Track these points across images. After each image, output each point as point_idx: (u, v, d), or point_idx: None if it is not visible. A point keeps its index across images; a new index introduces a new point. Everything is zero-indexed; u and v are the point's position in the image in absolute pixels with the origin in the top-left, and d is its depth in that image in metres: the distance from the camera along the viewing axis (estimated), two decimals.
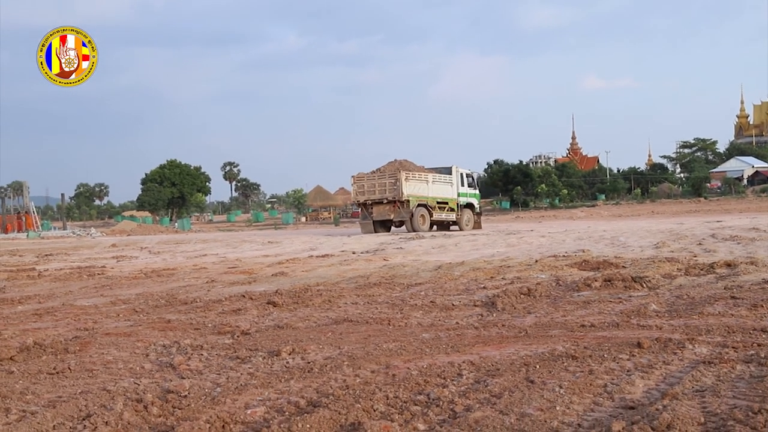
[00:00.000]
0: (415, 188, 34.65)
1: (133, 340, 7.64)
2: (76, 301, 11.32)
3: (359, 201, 35.71)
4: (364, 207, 35.63)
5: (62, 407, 4.98)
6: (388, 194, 34.29)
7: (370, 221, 35.34)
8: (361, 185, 35.42)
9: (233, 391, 5.38)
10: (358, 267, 15.86)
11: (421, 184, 35.12)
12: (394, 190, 34.12)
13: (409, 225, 34.24)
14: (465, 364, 5.84)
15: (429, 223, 35.25)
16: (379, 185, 34.73)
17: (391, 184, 34.27)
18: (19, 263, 21.55)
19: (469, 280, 12.18)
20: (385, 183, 34.49)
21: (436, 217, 35.75)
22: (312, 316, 8.88)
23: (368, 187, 35.10)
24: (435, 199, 35.64)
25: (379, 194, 34.62)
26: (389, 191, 34.29)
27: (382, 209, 34.84)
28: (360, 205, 36.19)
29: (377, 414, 4.62)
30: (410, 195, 34.11)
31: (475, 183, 39.30)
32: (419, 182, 35.01)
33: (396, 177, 34.17)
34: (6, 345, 7.41)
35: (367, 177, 35.41)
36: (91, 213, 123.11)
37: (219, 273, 15.68)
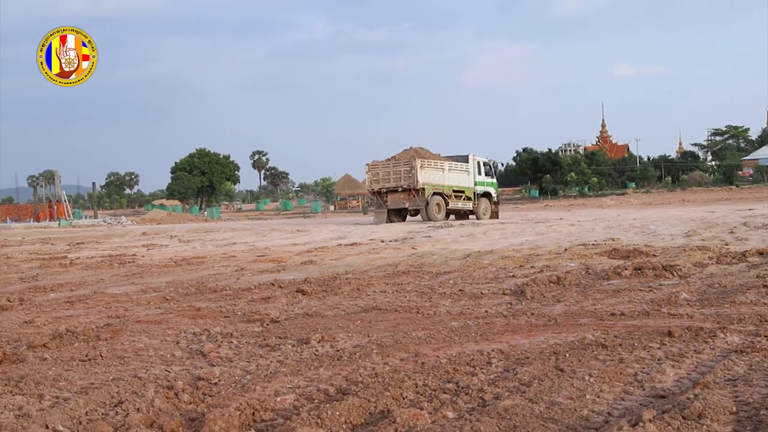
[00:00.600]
0: (431, 176, 33.98)
1: (163, 328, 7.70)
2: (107, 289, 11.42)
3: (373, 189, 35.03)
4: (378, 195, 35.00)
5: (94, 394, 5.03)
6: (403, 182, 33.67)
7: (384, 210, 34.66)
8: (375, 173, 34.81)
9: (263, 378, 5.41)
10: (387, 255, 15.87)
11: (437, 172, 34.46)
12: (409, 178, 33.48)
13: (425, 214, 33.67)
14: (494, 352, 5.83)
15: (445, 212, 34.56)
16: (394, 173, 34.13)
17: (406, 171, 33.68)
18: (52, 251, 21.76)
19: (498, 269, 12.15)
20: (400, 171, 33.94)
21: (452, 206, 35.08)
22: (341, 304, 8.90)
23: (383, 175, 34.49)
24: (451, 187, 34.91)
25: (394, 182, 34.02)
26: (404, 179, 33.68)
27: (396, 197, 34.21)
28: (374, 193, 35.37)
29: (406, 402, 4.62)
30: (426, 183, 33.48)
31: (493, 172, 38.57)
32: (435, 170, 34.37)
33: (411, 165, 33.54)
34: (39, 332, 7.50)
35: (382, 165, 34.86)
36: (122, 202, 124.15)
37: (248, 261, 15.74)
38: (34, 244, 26.94)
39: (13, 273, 14.90)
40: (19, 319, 8.58)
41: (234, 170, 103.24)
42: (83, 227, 49.28)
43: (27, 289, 11.84)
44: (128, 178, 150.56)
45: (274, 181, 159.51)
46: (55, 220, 59.47)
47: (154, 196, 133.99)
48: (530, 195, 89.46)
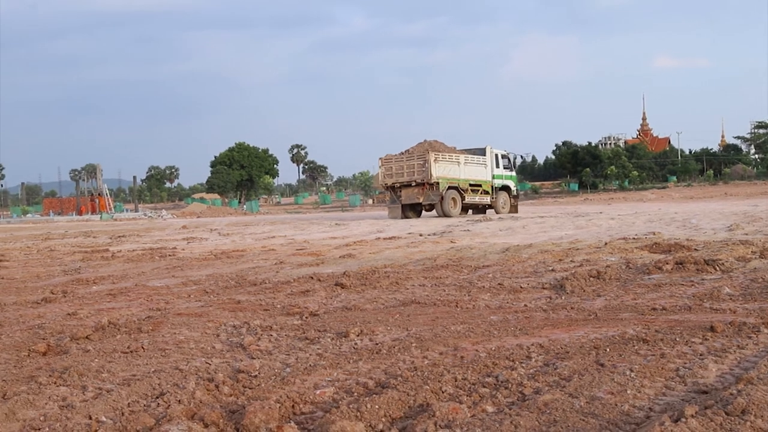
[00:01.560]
0: (446, 170, 33.09)
1: (204, 321, 7.76)
2: (148, 282, 11.54)
3: (386, 184, 34.21)
4: (392, 190, 34.27)
5: (136, 385, 5.08)
6: (417, 176, 32.87)
7: (398, 205, 33.95)
8: (389, 167, 33.98)
9: (302, 371, 5.43)
10: (426, 249, 15.86)
11: (452, 165, 33.54)
12: (422, 172, 32.66)
13: (439, 209, 32.85)
14: (534, 346, 5.81)
15: (461, 206, 33.78)
16: (407, 167, 33.30)
17: (419, 165, 32.85)
18: (94, 244, 22.02)
19: (537, 263, 12.09)
20: (414, 165, 33.10)
21: (469, 200, 34.24)
22: (380, 297, 8.91)
23: (396, 169, 33.64)
24: (467, 181, 34.05)
25: (408, 176, 33.20)
26: (417, 173, 32.88)
27: (410, 192, 33.40)
28: (388, 188, 34.61)
29: (446, 396, 4.62)
30: (440, 177, 32.60)
31: (512, 164, 37.55)
32: (450, 164, 33.45)
33: (425, 158, 32.68)
34: (82, 324, 7.60)
35: (396, 159, 33.94)
36: (162, 195, 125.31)
37: (287, 255, 15.81)
38: (77, 237, 27.28)
39: (56, 266, 15.11)
40: (62, 312, 8.70)
41: (273, 164, 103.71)
42: (124, 220, 49.82)
43: (70, 281, 12.00)
44: (168, 171, 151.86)
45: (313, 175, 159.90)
46: (96, 214, 60.19)
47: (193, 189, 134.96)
48: (569, 188, 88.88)
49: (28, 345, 6.74)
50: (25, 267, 15.07)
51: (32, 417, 4.48)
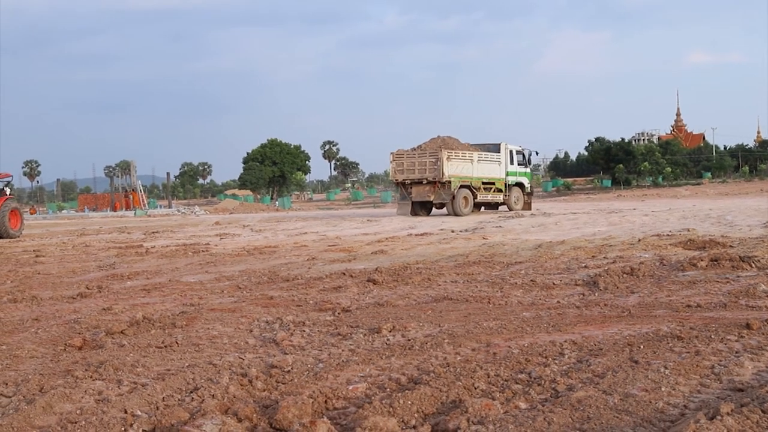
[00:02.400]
0: (458, 168, 32.24)
1: (237, 316, 7.81)
2: (182, 278, 11.62)
3: (397, 180, 33.12)
4: (402, 186, 33.21)
5: (171, 380, 5.13)
6: (428, 174, 31.85)
7: (408, 202, 33.09)
8: (400, 163, 32.90)
9: (335, 367, 5.45)
10: (457, 245, 15.84)
11: (465, 163, 32.62)
12: (434, 170, 31.67)
13: (450, 208, 31.93)
14: (567, 343, 5.78)
15: (472, 205, 32.80)
16: (419, 164, 32.30)
17: (431, 163, 31.86)
18: (128, 240, 22.22)
19: (569, 259, 12.03)
20: (426, 162, 32.12)
21: (481, 198, 33.43)
22: (412, 293, 8.91)
23: (408, 165, 32.60)
24: (480, 179, 33.20)
25: (419, 174, 32.18)
26: (429, 171, 31.87)
27: (421, 190, 32.37)
28: (398, 184, 33.51)
29: (478, 392, 4.62)
30: (452, 175, 31.65)
31: (526, 161, 36.70)
32: (463, 161, 32.53)
33: (437, 156, 31.72)
34: (117, 319, 7.68)
35: (407, 155, 32.97)
36: (195, 191, 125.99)
37: (319, 251, 15.86)
38: (111, 233, 27.53)
39: (91, 261, 15.25)
40: (97, 306, 8.79)
41: (305, 160, 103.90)
42: (158, 216, 50.17)
43: (105, 277, 12.11)
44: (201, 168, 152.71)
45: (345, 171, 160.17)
46: (130, 210, 60.61)
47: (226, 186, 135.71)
48: (602, 185, 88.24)
49: (64, 339, 6.82)
50: (61, 262, 15.24)
51: (69, 410, 4.53)
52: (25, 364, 5.92)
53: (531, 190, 37.46)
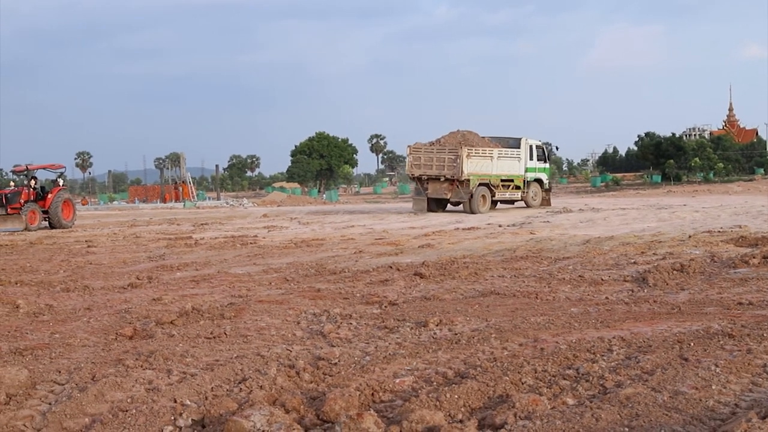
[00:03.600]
0: (478, 165, 30.51)
1: (284, 308, 7.86)
2: (230, 269, 11.72)
3: (413, 174, 31.39)
4: (419, 181, 31.46)
5: (219, 370, 5.18)
6: (447, 171, 30.16)
7: (424, 198, 31.33)
8: (417, 157, 31.12)
9: (382, 360, 5.47)
10: (505, 240, 15.77)
11: (485, 160, 30.95)
12: (453, 168, 29.90)
13: (467, 207, 30.17)
14: (615, 339, 5.74)
15: (490, 203, 31.37)
16: (437, 159, 30.54)
17: (450, 160, 30.09)
18: (177, 232, 22.45)
19: (618, 255, 11.92)
20: (444, 158, 30.38)
21: (499, 196, 31.87)
22: (458, 288, 8.90)
23: (425, 160, 30.80)
24: (499, 176, 31.52)
25: (437, 170, 30.47)
26: (448, 168, 30.13)
27: (438, 187, 30.68)
28: (414, 178, 31.74)
29: (525, 387, 4.60)
30: (471, 173, 29.90)
31: (546, 156, 34.98)
32: (482, 159, 30.88)
33: (457, 153, 29.94)
34: (167, 309, 7.77)
35: (425, 149, 31.18)
36: (243, 184, 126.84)
37: (366, 244, 15.89)
38: (161, 224, 27.83)
39: (141, 252, 15.45)
40: (147, 297, 8.91)
41: (352, 153, 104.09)
42: (207, 208, 50.61)
43: (155, 267, 12.26)
44: (250, 160, 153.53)
45: (392, 165, 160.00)
46: (180, 201, 61.20)
47: (274, 178, 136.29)
48: (652, 180, 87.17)
49: (115, 329, 6.93)
50: (112, 253, 15.46)
51: (120, 399, 4.61)
52: (77, 353, 6.02)
53: (549, 185, 36.12)
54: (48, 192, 27.63)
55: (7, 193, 26.81)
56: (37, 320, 7.62)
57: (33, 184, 27.64)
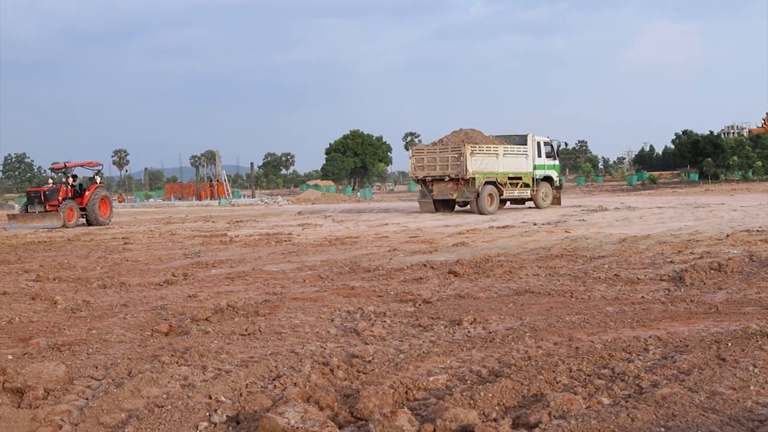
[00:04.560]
0: (483, 163, 29.63)
1: (318, 306, 7.88)
2: (264, 266, 11.78)
3: (417, 177, 30.55)
4: (423, 184, 30.63)
5: (254, 367, 5.21)
6: (451, 171, 29.35)
7: (429, 200, 30.40)
8: (420, 159, 30.41)
9: (416, 358, 5.46)
10: (540, 239, 15.70)
11: (490, 158, 30.05)
12: (457, 167, 29.14)
13: (475, 206, 29.22)
14: (651, 339, 5.68)
15: (498, 202, 30.25)
16: (440, 159, 29.79)
17: (454, 159, 29.34)
18: (212, 229, 22.60)
19: (655, 254, 11.81)
20: (447, 158, 29.61)
21: (507, 194, 30.92)
22: (493, 286, 8.87)
23: (428, 161, 30.07)
24: (506, 174, 30.55)
25: (441, 170, 29.70)
26: (452, 167, 29.35)
27: (443, 188, 29.87)
28: (419, 181, 30.93)
29: (560, 386, 4.58)
30: (476, 172, 29.07)
31: (555, 152, 33.71)
32: (487, 156, 29.99)
33: (460, 151, 29.13)
34: (202, 306, 7.82)
35: (428, 149, 30.59)
36: (278, 181, 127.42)
37: (400, 242, 15.89)
38: (196, 221, 28.03)
39: (177, 249, 15.57)
40: (183, 294, 8.98)
41: (387, 151, 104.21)
42: (241, 206, 50.88)
43: (190, 264, 12.35)
44: (284, 158, 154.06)
45: None
46: (215, 199, 61.60)
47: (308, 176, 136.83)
48: (689, 179, 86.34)
49: (151, 325, 6.99)
50: (148, 250, 15.59)
51: (156, 394, 4.64)
52: (114, 348, 6.08)
53: (560, 183, 34.91)
54: (85, 189, 27.97)
55: (46, 191, 27.19)
56: (75, 316, 7.71)
57: (71, 182, 27.99)
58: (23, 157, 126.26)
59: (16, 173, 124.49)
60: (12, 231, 24.55)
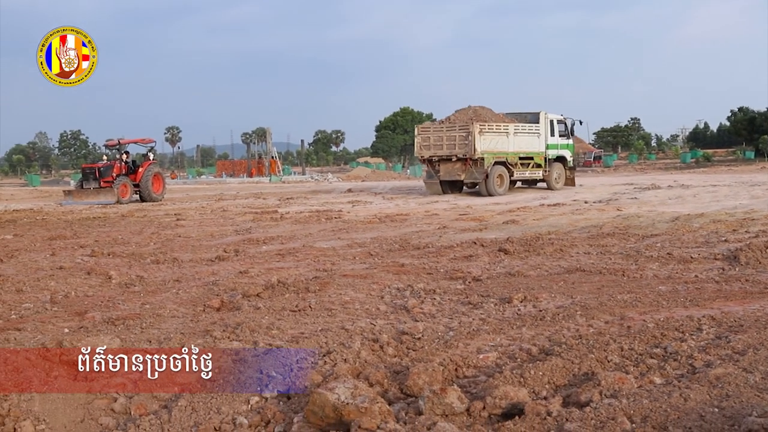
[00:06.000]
0: (492, 143, 28.15)
1: (368, 282, 7.90)
2: (315, 243, 11.83)
3: (423, 156, 29.18)
4: (429, 164, 29.31)
5: (304, 343, 5.24)
6: (458, 150, 27.84)
7: (436, 181, 28.99)
8: (426, 138, 28.94)
9: (465, 335, 5.46)
10: (591, 216, 15.56)
11: (500, 137, 28.53)
12: (465, 146, 27.64)
13: (483, 187, 27.73)
14: (705, 318, 5.61)
15: (508, 183, 28.96)
16: (447, 138, 28.25)
17: (461, 138, 27.79)
18: (263, 206, 22.76)
19: (709, 233, 11.64)
20: (455, 136, 28.05)
21: (518, 175, 29.44)
22: (543, 264, 8.82)
23: (434, 140, 28.59)
24: (517, 154, 29.04)
25: (448, 149, 28.18)
26: (459, 147, 27.84)
27: (450, 168, 28.42)
28: (425, 161, 29.62)
29: (611, 365, 4.54)
30: (485, 151, 27.57)
31: (569, 131, 31.83)
32: (497, 135, 28.46)
33: (468, 130, 27.57)
34: (253, 282, 7.89)
35: (434, 128, 29.11)
36: (328, 159, 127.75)
37: (450, 219, 15.87)
38: (247, 198, 28.26)
39: (228, 225, 15.72)
40: (234, 270, 9.06)
41: None
42: (292, 183, 51.15)
43: (241, 241, 12.46)
44: (334, 135, 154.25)
45: None
46: (266, 176, 61.96)
47: (358, 153, 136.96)
48: (745, 157, 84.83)
49: (203, 300, 7.07)
50: (200, 226, 15.76)
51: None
52: (167, 323, 6.17)
53: (574, 164, 33.16)
54: (139, 166, 28.36)
55: (100, 167, 27.62)
56: (129, 291, 7.83)
57: (125, 158, 28.39)
58: (78, 134, 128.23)
59: (72, 150, 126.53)
60: (68, 207, 25.01)
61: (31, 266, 9.69)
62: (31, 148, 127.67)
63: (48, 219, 18.99)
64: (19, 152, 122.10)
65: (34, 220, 18.54)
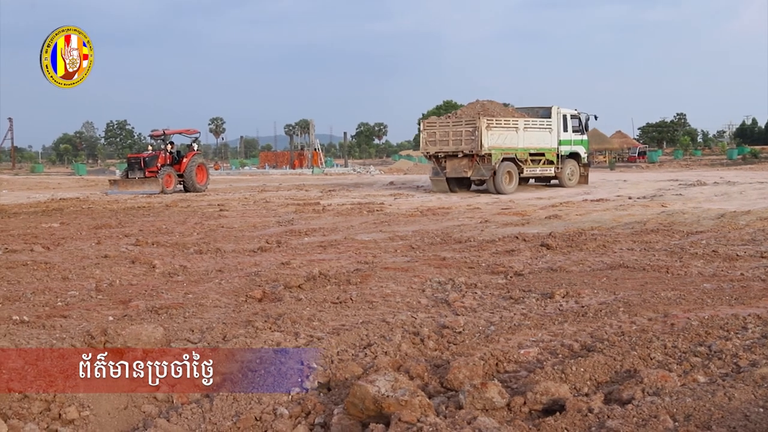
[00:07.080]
0: (500, 138, 27.07)
1: (409, 275, 7.90)
2: (356, 236, 11.86)
3: (429, 152, 28.13)
4: (435, 160, 28.09)
5: (345, 335, 5.26)
6: (464, 146, 26.82)
7: (442, 178, 27.78)
8: (432, 133, 27.90)
9: (507, 330, 5.44)
10: (635, 212, 15.41)
11: (509, 132, 27.40)
12: (471, 141, 26.59)
13: (491, 185, 26.68)
14: (751, 317, 5.53)
15: (517, 180, 27.58)
16: (453, 134, 27.22)
17: (468, 133, 26.79)
18: (305, 197, 22.87)
19: (755, 230, 11.48)
20: (461, 132, 27.04)
21: (528, 172, 28.17)
22: (586, 260, 8.75)
23: (440, 135, 27.56)
24: (527, 150, 27.91)
25: (454, 145, 27.14)
26: (465, 142, 26.82)
27: (456, 164, 27.28)
28: (431, 157, 28.39)
29: (654, 362, 4.50)
30: (492, 147, 26.54)
31: (583, 126, 30.39)
32: (505, 130, 27.34)
33: (474, 125, 26.54)
34: (295, 273, 7.92)
35: (440, 123, 28.13)
36: (370, 151, 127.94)
37: (492, 213, 15.81)
38: (290, 190, 28.40)
39: (271, 217, 15.81)
40: (276, 261, 9.11)
41: None
42: (334, 175, 51.31)
43: (284, 232, 12.52)
44: (377, 128, 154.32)
45: None
46: (308, 168, 62.22)
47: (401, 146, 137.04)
48: None
49: (245, 291, 7.12)
50: (243, 217, 15.87)
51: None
52: (209, 313, 6.22)
53: (588, 160, 31.86)
54: (183, 156, 28.64)
55: (145, 157, 27.95)
56: (172, 280, 7.90)
57: (169, 149, 28.69)
58: (124, 124, 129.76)
59: (118, 140, 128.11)
60: (113, 196, 25.35)
61: (77, 254, 9.82)
62: (78, 138, 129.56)
63: (94, 208, 19.27)
64: (66, 141, 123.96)
65: (80, 209, 18.81)
